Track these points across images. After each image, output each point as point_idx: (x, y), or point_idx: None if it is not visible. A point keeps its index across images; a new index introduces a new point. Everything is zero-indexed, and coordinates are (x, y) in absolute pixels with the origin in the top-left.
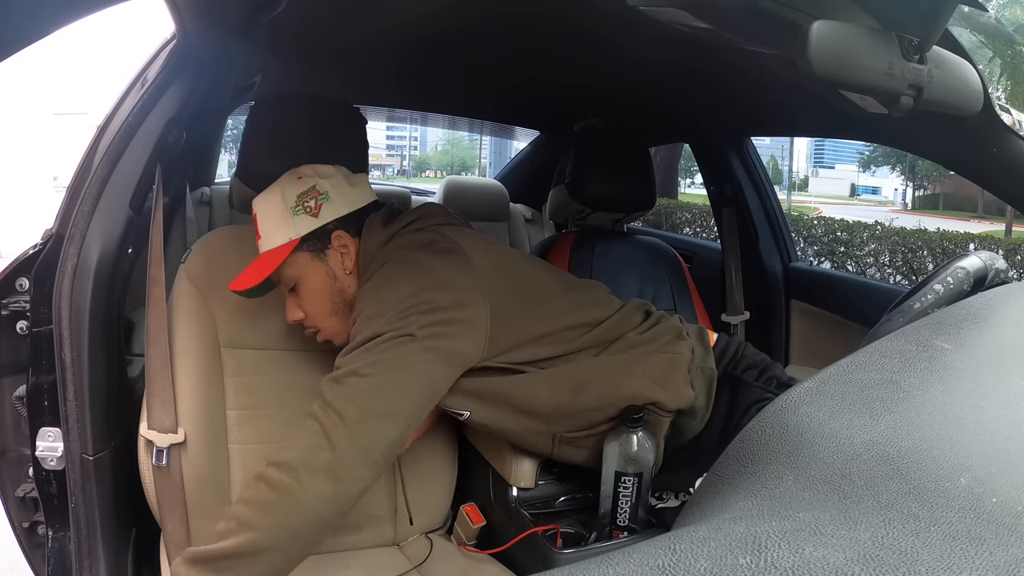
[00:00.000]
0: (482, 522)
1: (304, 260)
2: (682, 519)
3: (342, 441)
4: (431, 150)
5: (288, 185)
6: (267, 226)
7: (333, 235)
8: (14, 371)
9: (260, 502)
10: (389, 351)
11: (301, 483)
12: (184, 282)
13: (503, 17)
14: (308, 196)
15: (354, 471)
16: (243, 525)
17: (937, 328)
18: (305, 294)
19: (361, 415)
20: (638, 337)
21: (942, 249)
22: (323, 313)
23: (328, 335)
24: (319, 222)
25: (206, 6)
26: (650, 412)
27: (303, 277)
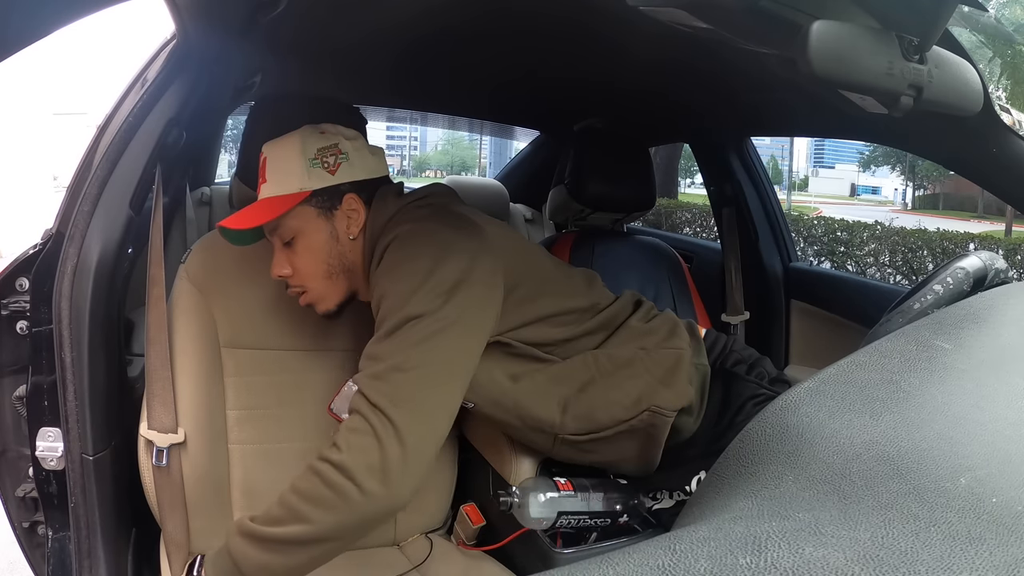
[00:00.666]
0: (482, 522)
1: (309, 214)
2: (682, 519)
3: (394, 445)
4: (431, 150)
5: (309, 136)
6: (277, 171)
7: (345, 197)
8: (14, 371)
9: (316, 498)
10: (425, 340)
11: (357, 485)
12: (184, 282)
13: (503, 16)
14: (328, 152)
15: (407, 473)
16: (298, 517)
17: (937, 328)
18: (301, 250)
19: (411, 415)
20: (642, 326)
21: (942, 249)
22: (315, 274)
23: (313, 298)
24: (334, 180)
25: (206, 6)
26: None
27: (304, 232)
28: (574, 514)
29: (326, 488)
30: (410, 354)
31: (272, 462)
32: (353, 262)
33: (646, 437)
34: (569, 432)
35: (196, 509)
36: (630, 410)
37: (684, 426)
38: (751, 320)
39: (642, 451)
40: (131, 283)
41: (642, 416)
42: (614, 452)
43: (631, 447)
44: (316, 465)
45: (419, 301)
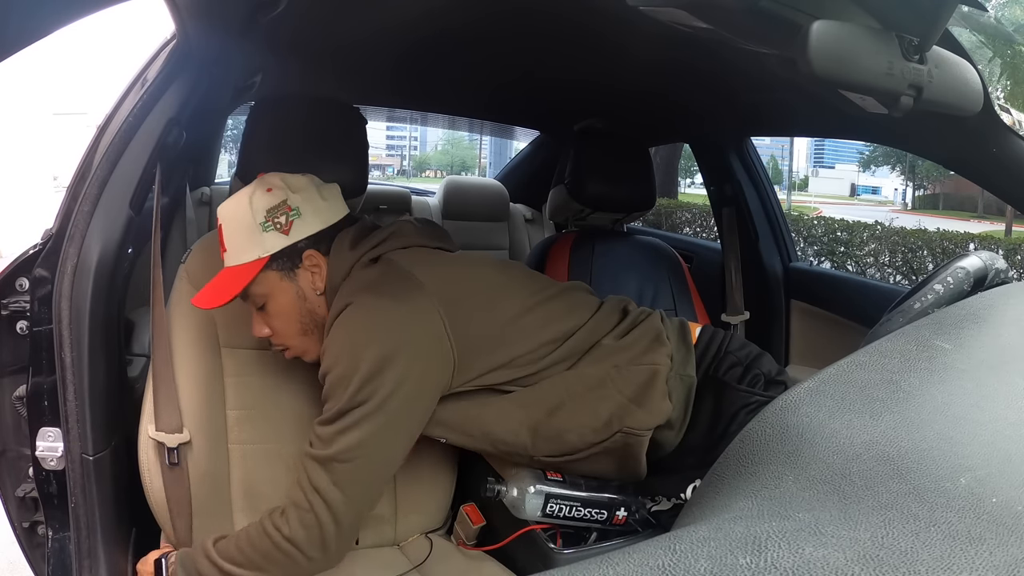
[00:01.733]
0: (482, 522)
1: (273, 279)
2: (682, 519)
3: (329, 521)
4: (431, 150)
5: (257, 197)
6: (234, 240)
7: (304, 254)
8: (14, 371)
9: (268, 557)
10: (365, 427)
11: (303, 554)
12: (184, 282)
13: (503, 16)
14: (278, 211)
15: (343, 541)
16: (254, 566)
17: (937, 328)
18: (274, 313)
19: (348, 500)
20: (615, 344)
21: (942, 249)
22: (292, 333)
23: (297, 353)
24: (289, 240)
25: (206, 6)
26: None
27: (271, 295)
28: (565, 499)
29: (278, 552)
30: (348, 444)
31: (272, 462)
32: (324, 316)
33: (622, 455)
34: (542, 455)
35: (197, 509)
36: (601, 432)
37: (665, 440)
38: (751, 320)
39: (621, 467)
40: (131, 283)
41: (615, 438)
42: (592, 468)
43: (609, 464)
44: (269, 530)
45: (355, 391)
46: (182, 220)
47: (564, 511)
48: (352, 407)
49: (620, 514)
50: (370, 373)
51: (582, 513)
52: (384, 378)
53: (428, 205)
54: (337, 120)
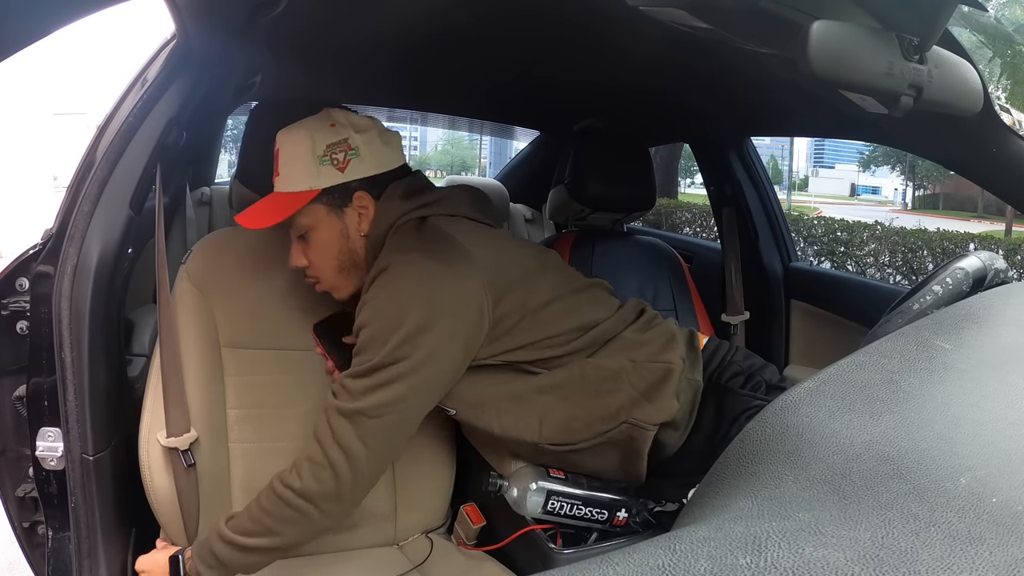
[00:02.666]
0: (482, 522)
1: (320, 212)
2: (682, 519)
3: (348, 475)
4: (431, 150)
5: (319, 131)
6: (289, 167)
7: (355, 194)
8: (14, 371)
9: (281, 517)
10: (397, 386)
11: (317, 507)
12: (185, 282)
13: (503, 16)
14: (338, 148)
15: (359, 492)
16: (268, 531)
17: (937, 328)
18: (314, 245)
19: (371, 454)
20: (634, 337)
21: (942, 249)
22: (328, 268)
23: (328, 287)
24: (344, 178)
25: (206, 6)
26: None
27: (316, 228)
28: (566, 497)
29: (290, 510)
30: (380, 400)
31: (272, 460)
32: (366, 257)
33: (626, 449)
34: (547, 442)
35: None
36: (608, 421)
37: (668, 441)
38: (751, 320)
39: (623, 463)
40: (131, 283)
41: (620, 428)
42: (595, 462)
43: (612, 458)
44: (279, 490)
45: (394, 348)
46: (182, 220)
47: (565, 509)
48: (388, 363)
49: (621, 515)
50: (411, 332)
51: (583, 512)
52: (424, 339)
53: None
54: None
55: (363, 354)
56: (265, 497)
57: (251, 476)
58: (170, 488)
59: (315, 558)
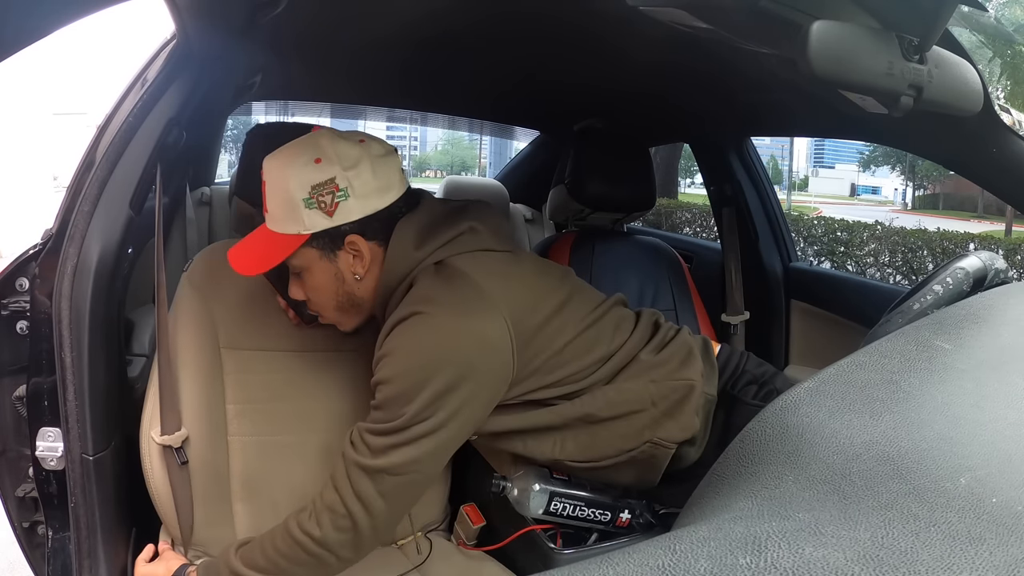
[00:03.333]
0: (482, 522)
1: (311, 255)
2: (682, 519)
3: (367, 527)
4: (431, 150)
5: (304, 169)
6: (275, 206)
7: (347, 238)
8: (14, 371)
9: (297, 561)
10: (423, 444)
11: (334, 555)
12: (186, 288)
13: (504, 17)
14: (324, 189)
15: (376, 541)
16: (280, 572)
17: (937, 328)
18: (310, 286)
19: (391, 509)
20: (652, 359)
21: (942, 249)
22: (327, 306)
23: (331, 321)
24: (332, 223)
25: (206, 6)
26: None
27: (308, 270)
28: (569, 499)
29: (306, 555)
30: (403, 460)
31: (269, 453)
32: (363, 299)
33: (646, 465)
34: (569, 459)
35: (198, 498)
36: (631, 440)
37: (686, 455)
38: (751, 320)
39: (640, 476)
40: (131, 283)
41: (644, 447)
42: (613, 476)
43: (629, 474)
44: (297, 535)
45: (420, 410)
46: (182, 220)
47: (568, 510)
48: (413, 424)
49: (624, 516)
50: (438, 393)
51: (586, 513)
52: (450, 399)
53: None
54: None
55: (385, 411)
56: (281, 539)
57: (249, 468)
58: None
59: None
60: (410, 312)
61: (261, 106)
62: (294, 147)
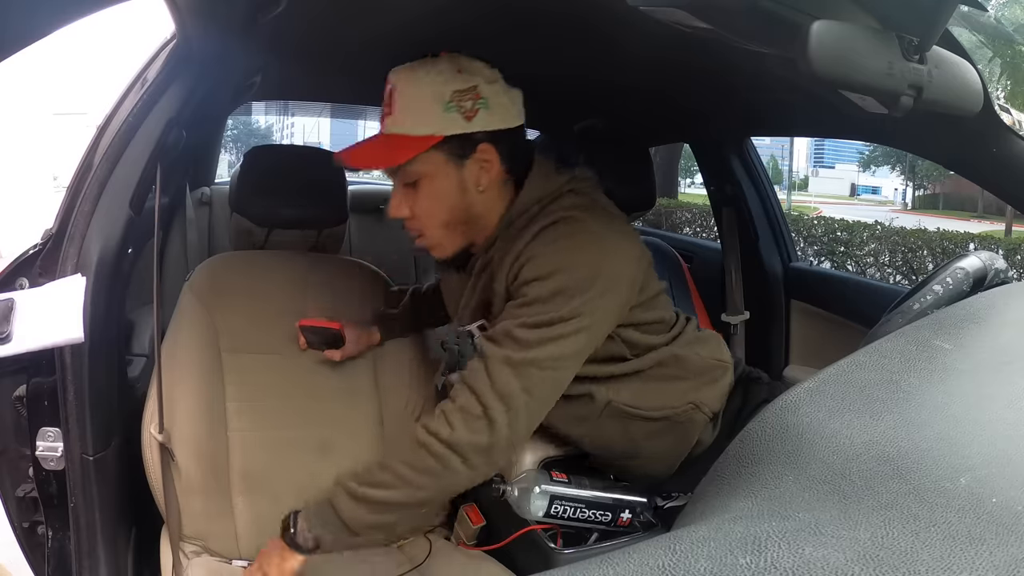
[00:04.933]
0: (482, 522)
1: (438, 160)
2: (682, 519)
3: (504, 428)
4: None
5: (447, 74)
6: (408, 108)
7: (480, 146)
8: (14, 371)
9: (424, 469)
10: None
11: (464, 460)
12: (188, 295)
13: (503, 17)
14: (466, 96)
15: (509, 451)
16: (405, 482)
17: (937, 328)
18: (425, 195)
19: (529, 409)
20: (696, 334)
21: (942, 249)
22: (435, 222)
23: (429, 243)
24: (470, 128)
25: (206, 6)
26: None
27: (431, 177)
28: (570, 501)
29: (433, 460)
30: (553, 353)
31: (269, 448)
32: (479, 215)
33: (680, 434)
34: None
35: (199, 491)
36: (677, 398)
37: (704, 437)
38: (751, 320)
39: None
40: (131, 283)
41: (686, 408)
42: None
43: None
44: (423, 438)
45: (581, 304)
46: (182, 220)
47: (568, 512)
48: (569, 318)
49: (624, 516)
50: (598, 291)
51: (586, 515)
52: (606, 299)
53: None
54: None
55: (541, 304)
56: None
57: (249, 463)
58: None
59: (315, 558)
60: (559, 217)
61: (261, 106)
62: (429, 61)
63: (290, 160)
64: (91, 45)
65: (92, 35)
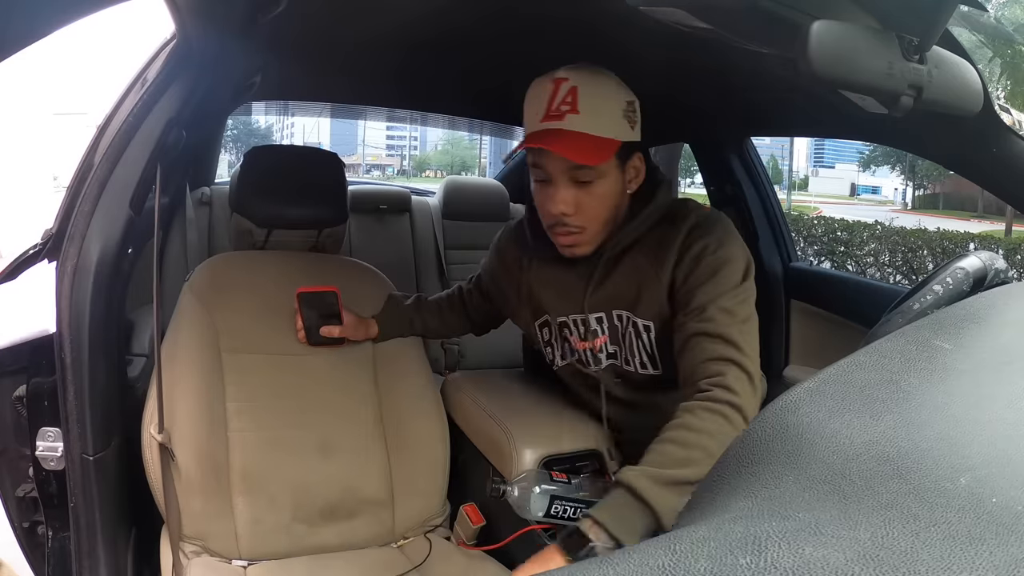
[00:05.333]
0: (482, 522)
1: (613, 163)
2: (682, 519)
3: (757, 379)
4: (431, 150)
5: (616, 84)
6: (596, 110)
7: (636, 154)
8: (14, 371)
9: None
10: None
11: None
12: (188, 296)
13: (503, 16)
14: (631, 107)
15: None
16: (709, 453)
17: (937, 328)
18: (597, 194)
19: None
20: None
21: (942, 249)
22: (599, 218)
23: (585, 239)
24: (635, 136)
25: (206, 6)
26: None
27: (605, 177)
28: (570, 501)
29: (731, 426)
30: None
31: (268, 448)
32: (621, 214)
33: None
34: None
35: (199, 490)
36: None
37: None
38: None
39: None
40: (131, 283)
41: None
42: None
43: None
44: (719, 408)
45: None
46: (182, 220)
47: (569, 512)
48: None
49: None
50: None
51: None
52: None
53: (428, 205)
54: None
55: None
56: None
57: (248, 463)
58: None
59: (315, 557)
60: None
61: (261, 106)
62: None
63: (290, 160)
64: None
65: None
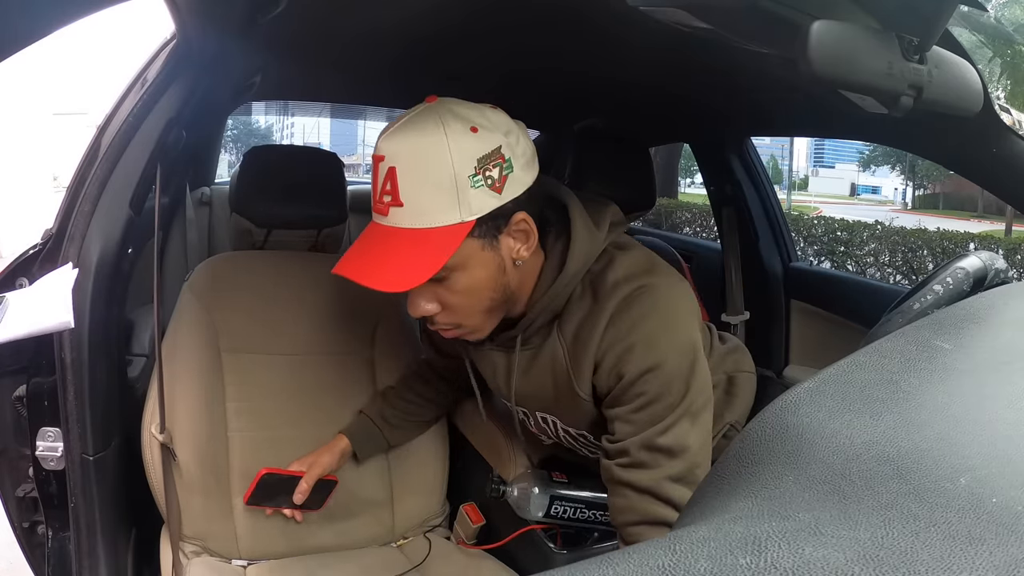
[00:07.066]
0: (482, 521)
1: (472, 248)
2: (682, 519)
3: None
4: None
5: (463, 140)
6: (421, 195)
7: (514, 217)
8: (14, 371)
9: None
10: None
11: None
12: (188, 295)
13: (503, 16)
14: (491, 162)
15: None
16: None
17: (937, 328)
18: (460, 288)
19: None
20: (722, 347)
21: (942, 249)
22: (475, 311)
23: (466, 332)
24: (501, 200)
25: (206, 6)
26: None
27: (465, 268)
28: (569, 501)
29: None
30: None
31: (267, 448)
32: (517, 288)
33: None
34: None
35: (199, 490)
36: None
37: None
38: (751, 320)
39: None
40: (131, 283)
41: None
42: None
43: None
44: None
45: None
46: (182, 220)
47: (568, 512)
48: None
49: None
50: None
51: (586, 515)
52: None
53: None
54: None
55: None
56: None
57: (248, 462)
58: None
59: (315, 557)
60: (636, 287)
61: (261, 106)
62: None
63: (289, 160)
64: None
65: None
